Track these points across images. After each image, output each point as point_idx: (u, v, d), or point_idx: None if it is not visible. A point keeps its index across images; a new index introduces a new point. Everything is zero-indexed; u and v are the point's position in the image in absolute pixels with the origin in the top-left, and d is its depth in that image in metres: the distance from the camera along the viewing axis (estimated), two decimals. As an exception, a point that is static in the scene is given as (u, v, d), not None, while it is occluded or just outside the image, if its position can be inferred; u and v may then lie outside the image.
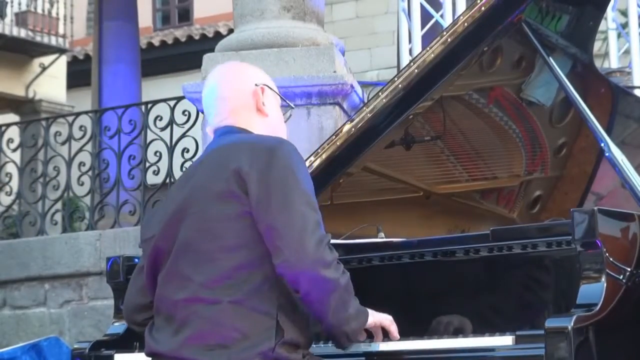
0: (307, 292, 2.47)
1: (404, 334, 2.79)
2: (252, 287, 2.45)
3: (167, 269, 2.55)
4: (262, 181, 2.47)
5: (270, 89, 2.76)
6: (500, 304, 2.80)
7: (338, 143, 3.40)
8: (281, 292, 2.49)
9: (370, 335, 2.65)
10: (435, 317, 2.87)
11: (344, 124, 3.43)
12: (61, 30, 14.88)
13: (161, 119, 6.88)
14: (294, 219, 2.45)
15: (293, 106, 2.90)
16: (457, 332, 2.79)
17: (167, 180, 6.75)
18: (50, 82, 14.88)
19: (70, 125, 7.47)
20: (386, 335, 2.67)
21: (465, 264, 2.87)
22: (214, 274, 2.46)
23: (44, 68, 14.75)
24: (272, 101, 2.75)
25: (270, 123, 2.72)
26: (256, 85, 2.72)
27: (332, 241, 2.55)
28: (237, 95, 2.71)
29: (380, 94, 3.37)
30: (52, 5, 14.84)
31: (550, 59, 3.30)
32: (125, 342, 3.06)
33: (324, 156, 3.39)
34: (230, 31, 7.37)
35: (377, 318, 2.63)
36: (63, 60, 15.15)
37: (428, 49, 3.32)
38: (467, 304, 2.84)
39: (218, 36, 13.91)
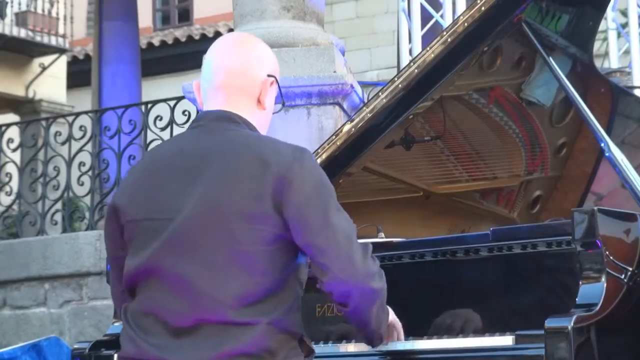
0: (357, 305, 2.44)
1: (404, 334, 2.79)
2: (284, 309, 2.38)
3: (183, 285, 2.37)
4: (299, 198, 2.36)
5: (277, 83, 2.64)
6: (500, 304, 2.79)
7: (338, 143, 3.39)
8: (301, 309, 2.46)
9: None
10: (435, 318, 2.86)
11: (344, 124, 3.43)
12: (61, 30, 14.89)
13: (161, 119, 6.89)
14: (337, 234, 2.38)
15: (285, 103, 2.75)
16: (457, 332, 2.79)
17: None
18: (50, 82, 14.89)
19: (70, 125, 7.47)
20: None
21: (465, 264, 2.87)
22: (247, 297, 2.35)
23: (44, 68, 14.76)
24: (272, 96, 2.63)
25: (263, 116, 2.60)
26: (268, 76, 2.59)
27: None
28: (245, 76, 2.57)
29: (380, 94, 3.37)
30: (52, 5, 14.85)
31: (550, 59, 3.29)
32: (125, 342, 3.06)
33: (324, 156, 3.39)
34: (230, 31, 7.37)
35: (391, 317, 2.64)
36: (63, 60, 15.17)
37: (428, 49, 3.31)
38: (467, 304, 2.84)
39: (218, 36, 13.73)
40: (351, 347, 2.75)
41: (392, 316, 2.64)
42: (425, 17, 6.65)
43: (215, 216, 2.37)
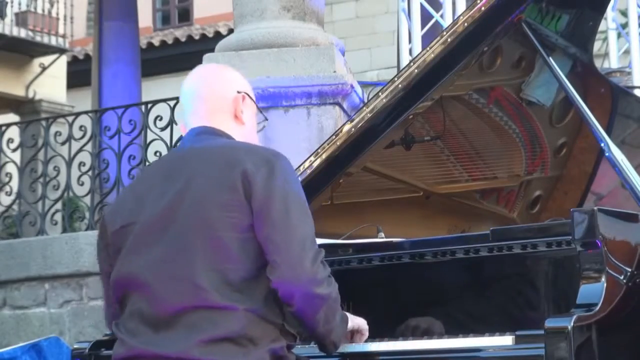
0: (300, 308, 2.48)
1: (404, 334, 2.79)
2: (261, 298, 2.45)
3: (161, 275, 2.48)
4: (265, 190, 2.46)
5: (250, 98, 2.75)
6: (500, 304, 2.80)
7: (338, 143, 3.39)
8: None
9: None
10: (435, 317, 2.87)
11: (344, 124, 3.43)
12: (61, 30, 14.88)
13: (161, 119, 6.88)
14: (293, 234, 2.46)
15: (267, 118, 2.87)
16: (457, 332, 2.79)
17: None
18: (50, 82, 14.89)
19: (70, 125, 7.46)
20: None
21: (465, 264, 2.87)
22: (223, 282, 2.43)
23: (44, 68, 14.75)
24: (250, 111, 2.75)
25: (244, 132, 2.72)
26: (238, 92, 2.72)
27: (332, 241, 2.57)
28: (216, 98, 2.70)
29: (380, 94, 3.37)
30: (52, 5, 14.84)
31: (550, 59, 3.29)
32: (125, 342, 3.05)
33: (324, 156, 3.39)
34: (230, 31, 7.37)
35: (354, 322, 2.69)
36: (63, 60, 15.16)
37: (428, 49, 3.31)
38: (467, 304, 2.84)
39: (218, 36, 13.91)
40: (347, 349, 2.74)
41: (356, 321, 2.69)
42: (425, 17, 6.65)
43: (191, 206, 2.49)
